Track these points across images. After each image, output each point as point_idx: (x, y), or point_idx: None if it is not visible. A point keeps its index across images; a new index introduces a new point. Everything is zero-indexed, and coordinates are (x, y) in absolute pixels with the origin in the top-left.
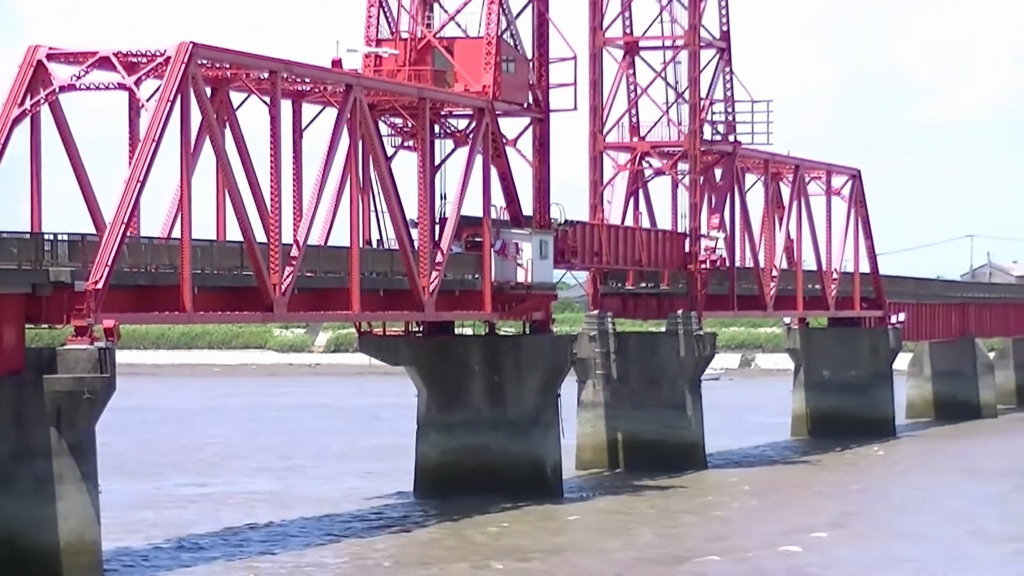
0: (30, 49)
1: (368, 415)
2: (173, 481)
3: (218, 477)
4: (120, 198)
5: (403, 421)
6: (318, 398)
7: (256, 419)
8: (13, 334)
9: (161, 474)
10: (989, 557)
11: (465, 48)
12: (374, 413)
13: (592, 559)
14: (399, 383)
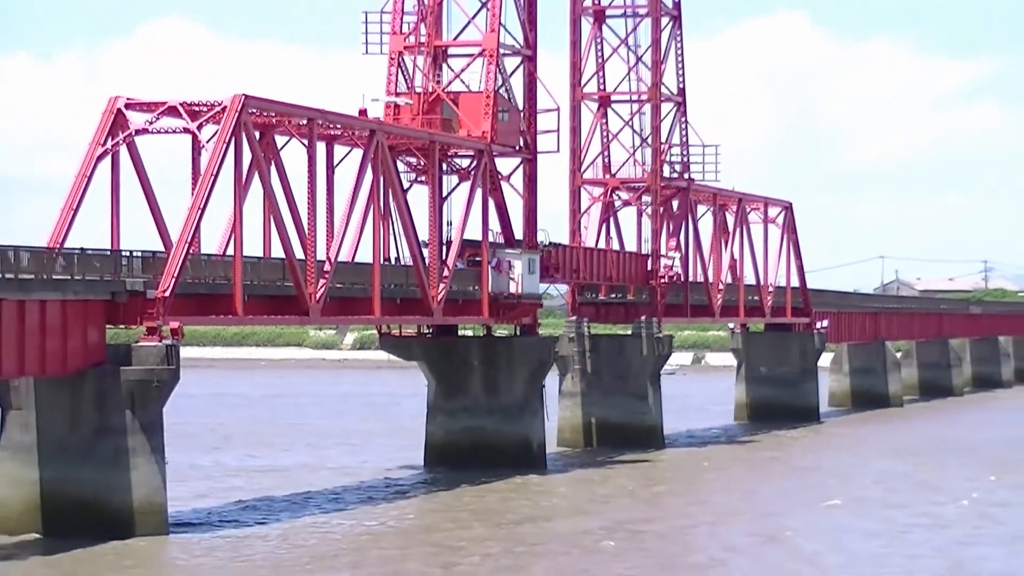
0: (111, 100)
1: (387, 402)
2: (223, 455)
3: (260, 451)
4: (184, 222)
5: (415, 407)
6: (345, 388)
7: (293, 404)
8: (96, 333)
9: (215, 448)
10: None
11: (468, 101)
12: (392, 400)
13: (569, 519)
14: (412, 375)
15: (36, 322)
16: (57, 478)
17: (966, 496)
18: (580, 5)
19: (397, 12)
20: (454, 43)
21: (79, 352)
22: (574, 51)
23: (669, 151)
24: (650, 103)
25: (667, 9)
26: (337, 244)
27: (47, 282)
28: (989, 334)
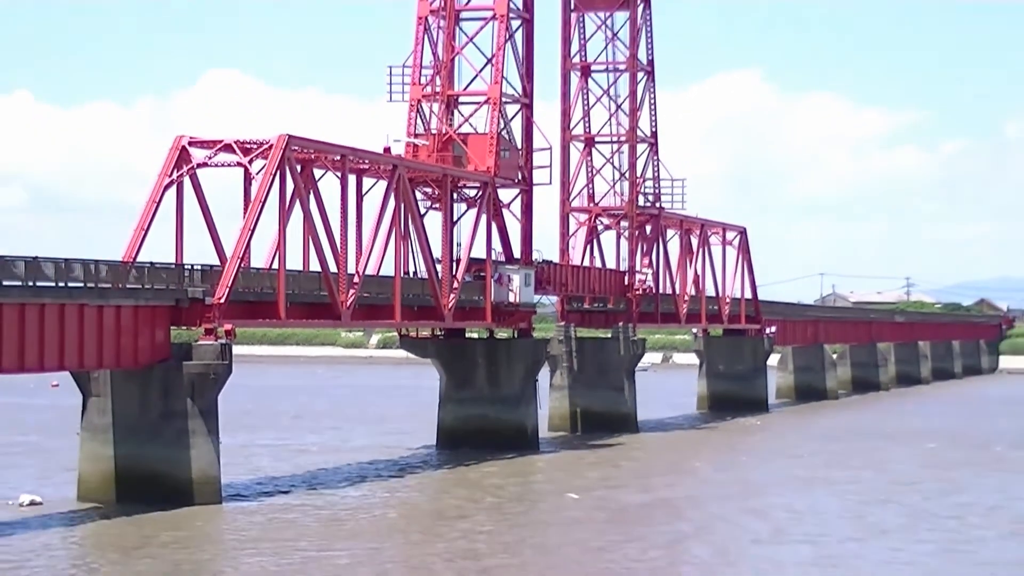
0: (177, 138)
1: (405, 393)
2: (270, 435)
3: (300, 432)
4: (236, 240)
5: (429, 397)
6: (371, 381)
7: (327, 394)
8: (162, 333)
9: (257, 429)
10: (806, 476)
11: (475, 141)
12: (409, 391)
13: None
14: (426, 370)
15: (112, 324)
16: (129, 454)
17: (867, 467)
18: (569, 61)
19: (416, 66)
20: (464, 92)
21: (148, 349)
22: (564, 100)
23: (643, 184)
24: (628, 144)
25: (642, 65)
26: (364, 260)
27: (122, 290)
28: (911, 339)
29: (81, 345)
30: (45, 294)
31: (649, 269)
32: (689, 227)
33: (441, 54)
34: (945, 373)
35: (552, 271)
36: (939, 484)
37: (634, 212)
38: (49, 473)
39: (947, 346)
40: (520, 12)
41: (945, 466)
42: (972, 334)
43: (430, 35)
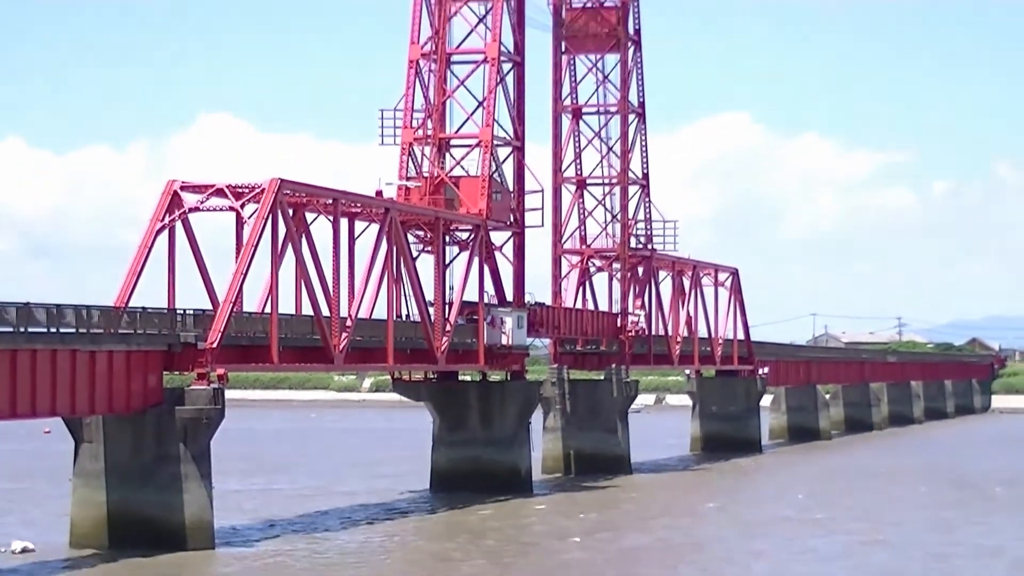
0: (169, 182)
1: (398, 436)
2: (262, 479)
3: (294, 476)
4: (229, 285)
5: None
6: (364, 424)
7: (320, 437)
8: (155, 378)
9: (250, 473)
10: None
11: (467, 184)
12: (402, 434)
13: (552, 534)
14: (420, 414)
15: (105, 369)
16: (121, 500)
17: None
18: (561, 104)
19: (408, 110)
20: (455, 136)
21: (140, 394)
22: (556, 142)
23: (635, 226)
24: (619, 186)
25: (634, 108)
26: (357, 303)
27: (114, 335)
28: (903, 379)
29: (73, 391)
30: (37, 340)
31: (642, 311)
32: (681, 268)
33: (432, 97)
34: (938, 413)
35: (545, 314)
36: (931, 524)
37: (626, 254)
38: (42, 519)
39: (939, 386)
40: (511, 55)
41: (937, 507)
42: (964, 374)
43: (421, 79)
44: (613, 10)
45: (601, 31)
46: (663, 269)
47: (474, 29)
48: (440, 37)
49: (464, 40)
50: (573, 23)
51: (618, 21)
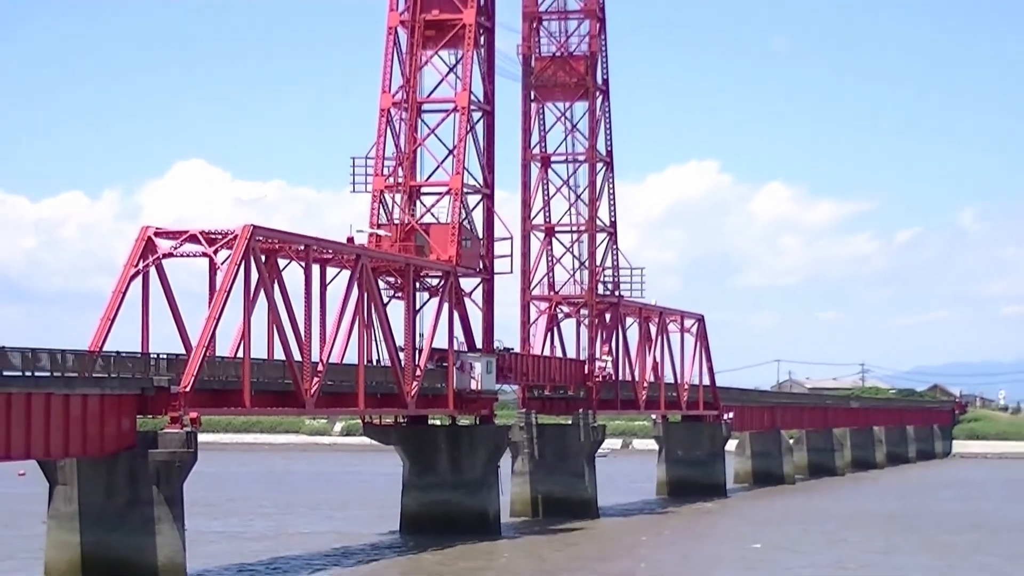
0: (143, 229)
1: (369, 479)
2: (234, 521)
3: (265, 519)
4: (202, 330)
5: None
6: (335, 467)
7: (292, 481)
8: (128, 422)
9: (226, 516)
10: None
11: (437, 231)
12: (373, 478)
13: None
14: (390, 457)
15: (79, 412)
16: (95, 541)
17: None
18: (530, 152)
19: (379, 157)
20: (426, 183)
21: (114, 437)
22: (525, 190)
23: (603, 273)
24: (587, 233)
25: (601, 156)
26: (328, 348)
27: (88, 379)
28: (866, 424)
29: (47, 433)
30: (11, 383)
31: (609, 356)
32: (648, 315)
33: (403, 145)
34: (900, 458)
35: (513, 360)
36: (886, 569)
37: (594, 300)
38: (17, 561)
39: (901, 431)
40: (481, 104)
41: (894, 551)
42: (926, 419)
43: (392, 127)
44: (581, 60)
45: (570, 81)
46: (630, 315)
47: (444, 78)
48: (411, 86)
49: (435, 89)
50: (542, 73)
51: (586, 71)
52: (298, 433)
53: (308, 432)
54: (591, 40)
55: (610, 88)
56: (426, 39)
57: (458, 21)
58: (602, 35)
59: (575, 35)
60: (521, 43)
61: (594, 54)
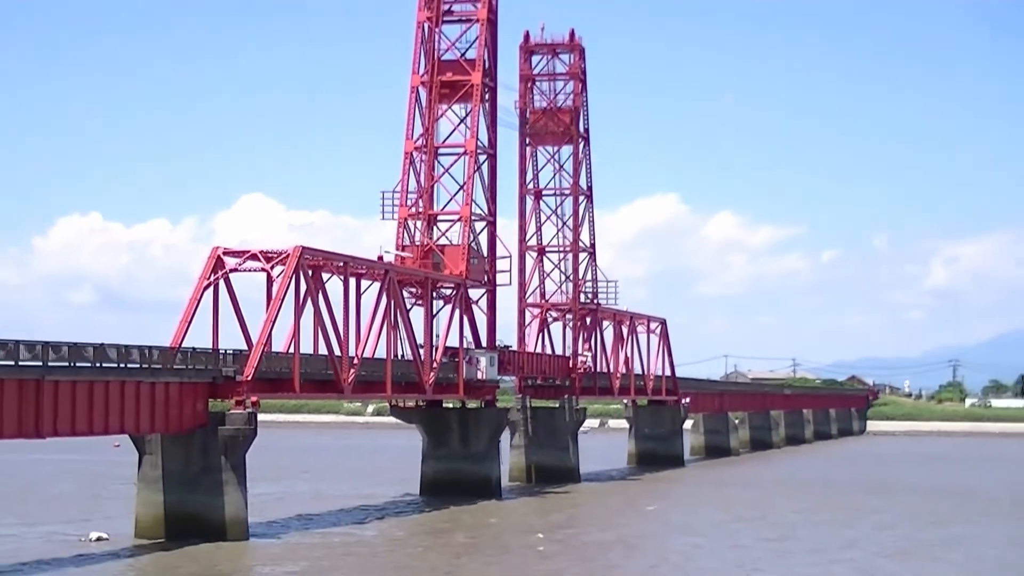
0: (214, 249)
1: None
2: (284, 485)
3: (311, 482)
4: (261, 330)
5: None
6: (368, 442)
7: (333, 452)
8: (201, 404)
9: (278, 480)
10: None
11: (451, 251)
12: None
13: (518, 528)
14: (411, 434)
15: (162, 397)
16: (175, 500)
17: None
18: (525, 187)
19: (403, 192)
20: (441, 212)
21: (190, 417)
22: (521, 217)
23: (584, 285)
24: (571, 253)
25: (583, 190)
26: (362, 345)
27: (170, 370)
28: (797, 408)
29: (137, 414)
30: (109, 373)
31: (589, 352)
32: (620, 319)
33: (423, 182)
34: (824, 435)
35: (512, 357)
36: (806, 519)
37: (577, 307)
38: (113, 515)
39: (826, 413)
40: (486, 148)
41: (814, 509)
42: (845, 404)
43: (414, 167)
44: (567, 112)
45: (557, 129)
46: (606, 319)
47: (456, 128)
48: (429, 134)
49: (448, 136)
50: (535, 123)
51: (571, 121)
52: (337, 414)
53: (345, 413)
54: (575, 97)
55: (590, 135)
56: (442, 96)
57: (468, 82)
58: (584, 93)
59: (562, 93)
60: (518, 99)
61: (577, 108)
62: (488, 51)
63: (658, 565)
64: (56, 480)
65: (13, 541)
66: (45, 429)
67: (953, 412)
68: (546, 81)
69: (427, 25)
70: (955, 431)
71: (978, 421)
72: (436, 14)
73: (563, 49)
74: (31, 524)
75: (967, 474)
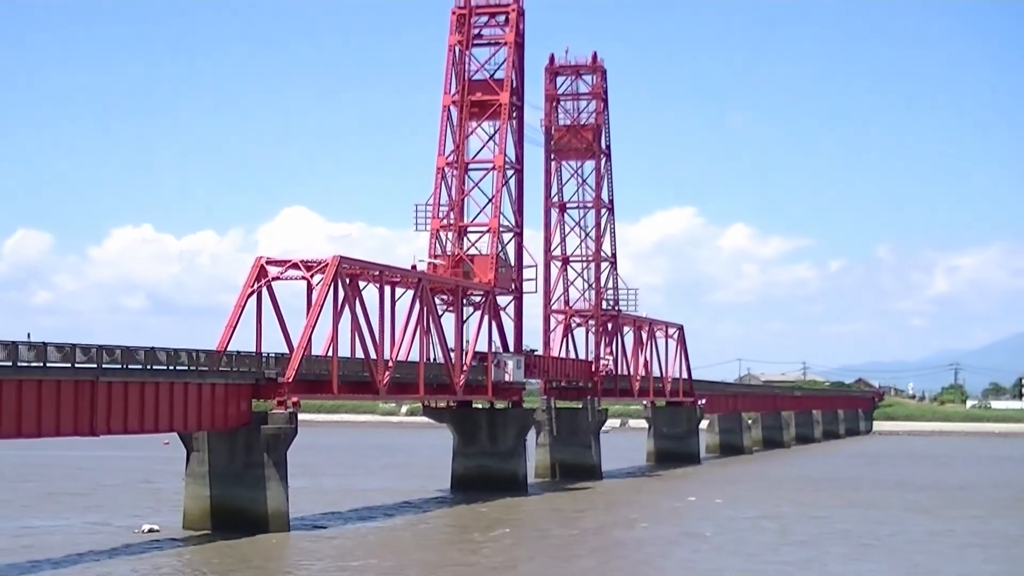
0: (257, 259)
1: (427, 449)
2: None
3: (348, 477)
4: (301, 334)
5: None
6: (402, 440)
7: (369, 449)
8: (246, 404)
9: (317, 476)
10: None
11: (480, 260)
12: (430, 448)
13: (541, 521)
14: (443, 432)
15: (209, 397)
16: (221, 494)
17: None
18: (550, 200)
19: (436, 204)
20: (471, 224)
21: (235, 416)
22: (546, 229)
23: (606, 292)
24: (594, 262)
25: (605, 204)
26: (396, 349)
27: (216, 372)
28: (806, 408)
29: (186, 413)
30: (160, 375)
31: (610, 356)
32: (640, 325)
33: (454, 195)
34: (832, 434)
35: (538, 361)
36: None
37: (599, 314)
38: (163, 508)
39: (834, 414)
40: (513, 164)
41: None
42: (852, 405)
43: (446, 181)
44: (590, 129)
45: (580, 145)
46: (626, 325)
47: (485, 144)
48: (460, 150)
49: (478, 152)
50: (560, 139)
51: (593, 137)
52: (373, 414)
53: (381, 413)
54: (597, 115)
55: (612, 151)
56: (471, 114)
57: (496, 101)
58: (606, 111)
59: (585, 111)
60: (544, 117)
61: (599, 126)
62: (515, 72)
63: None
64: (110, 475)
65: (71, 532)
66: (99, 427)
67: (954, 413)
68: (570, 100)
69: (458, 48)
70: (956, 431)
71: (978, 422)
72: (467, 38)
73: (586, 70)
74: (87, 516)
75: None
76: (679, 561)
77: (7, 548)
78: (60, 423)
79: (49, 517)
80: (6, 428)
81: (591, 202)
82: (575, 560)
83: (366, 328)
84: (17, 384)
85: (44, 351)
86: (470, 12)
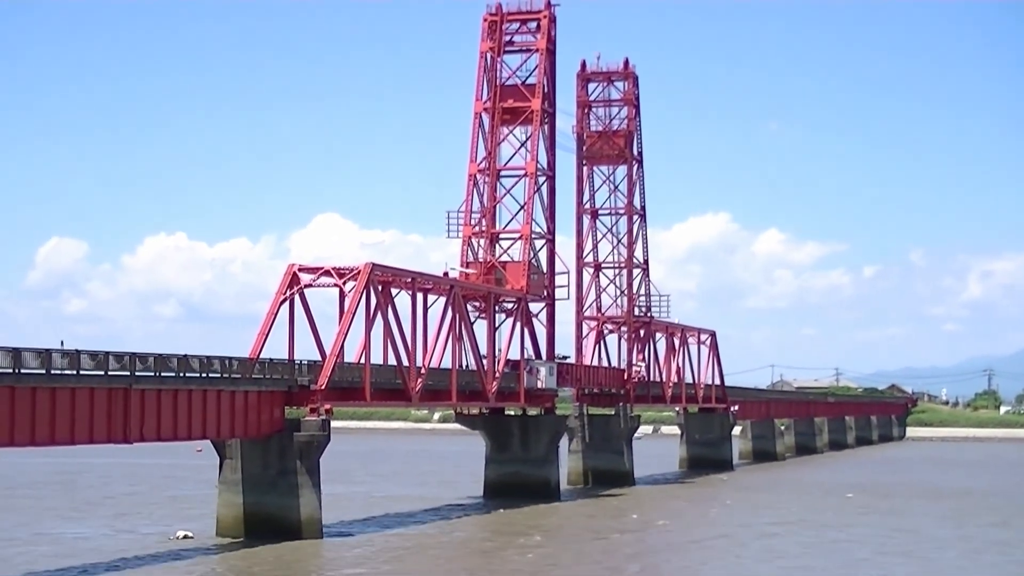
0: (290, 266)
1: (460, 456)
2: (356, 487)
3: (382, 484)
4: (334, 342)
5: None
6: (434, 447)
7: (402, 456)
8: (279, 411)
9: (351, 483)
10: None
11: (512, 267)
12: (462, 455)
13: (576, 528)
14: (475, 439)
15: (242, 404)
16: (254, 502)
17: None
18: (582, 206)
19: (468, 211)
20: (503, 231)
21: (268, 423)
22: (578, 235)
23: (638, 299)
24: (626, 269)
25: (637, 210)
26: (429, 356)
27: (248, 379)
28: (839, 415)
29: (219, 420)
30: (192, 382)
31: (643, 363)
32: (672, 331)
33: (486, 202)
34: (866, 440)
35: (570, 369)
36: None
37: (631, 320)
38: (196, 515)
39: (867, 419)
40: (545, 171)
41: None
42: (886, 411)
43: (478, 188)
44: (621, 136)
45: (612, 151)
46: (659, 331)
47: (517, 151)
48: (492, 157)
49: (510, 159)
50: (591, 146)
51: (625, 144)
52: (405, 420)
53: (413, 420)
54: (629, 121)
55: (643, 157)
56: (503, 121)
57: (527, 108)
58: (637, 117)
59: (616, 118)
60: (575, 123)
61: (631, 132)
62: (547, 79)
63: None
64: (144, 482)
65: (107, 539)
66: (133, 434)
67: (988, 419)
68: (602, 107)
69: (490, 55)
70: (990, 437)
71: (1012, 427)
72: (498, 44)
73: (618, 77)
74: (123, 523)
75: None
76: (719, 568)
77: (43, 554)
78: (93, 430)
79: (82, 525)
80: (40, 435)
81: (623, 208)
82: (614, 569)
83: (398, 335)
84: (51, 392)
85: (78, 359)
86: (502, 19)
